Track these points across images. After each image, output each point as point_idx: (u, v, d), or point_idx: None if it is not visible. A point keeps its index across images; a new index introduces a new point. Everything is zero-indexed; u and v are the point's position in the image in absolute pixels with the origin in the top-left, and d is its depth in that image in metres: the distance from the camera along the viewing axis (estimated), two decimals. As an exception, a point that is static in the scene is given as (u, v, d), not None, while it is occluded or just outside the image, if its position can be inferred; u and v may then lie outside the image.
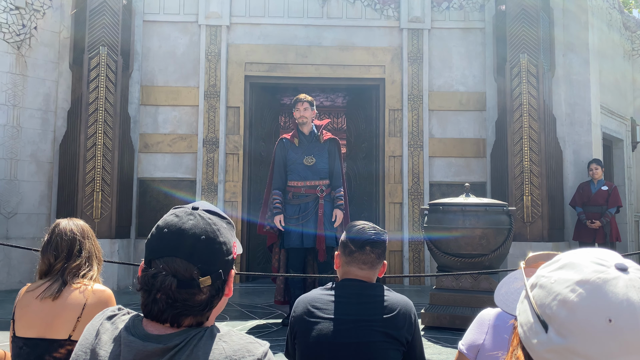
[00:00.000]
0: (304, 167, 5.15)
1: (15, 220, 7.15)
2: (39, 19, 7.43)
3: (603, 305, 0.70)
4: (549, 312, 0.73)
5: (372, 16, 8.09)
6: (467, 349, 1.90)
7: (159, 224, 1.14)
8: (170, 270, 1.08)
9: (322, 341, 1.95)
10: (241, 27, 8.02)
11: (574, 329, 0.70)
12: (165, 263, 1.09)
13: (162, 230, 1.12)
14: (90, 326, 1.16)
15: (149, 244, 1.13)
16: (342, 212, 5.11)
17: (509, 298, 1.08)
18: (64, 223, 2.30)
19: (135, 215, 7.61)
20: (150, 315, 1.10)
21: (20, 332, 2.10)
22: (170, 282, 1.07)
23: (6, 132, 7.14)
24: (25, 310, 2.12)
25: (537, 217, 7.23)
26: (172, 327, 1.09)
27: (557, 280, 0.75)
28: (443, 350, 4.21)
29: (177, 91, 7.85)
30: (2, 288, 6.88)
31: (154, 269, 1.09)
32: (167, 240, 1.10)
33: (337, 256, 2.15)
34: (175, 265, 1.08)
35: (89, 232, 2.32)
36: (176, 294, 1.07)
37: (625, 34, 9.62)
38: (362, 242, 2.08)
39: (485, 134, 7.96)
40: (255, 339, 1.12)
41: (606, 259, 0.75)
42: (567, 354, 0.70)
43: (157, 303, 1.08)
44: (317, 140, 5.22)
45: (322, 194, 5.12)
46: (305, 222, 5.05)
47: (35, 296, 2.13)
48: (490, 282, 4.93)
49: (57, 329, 2.07)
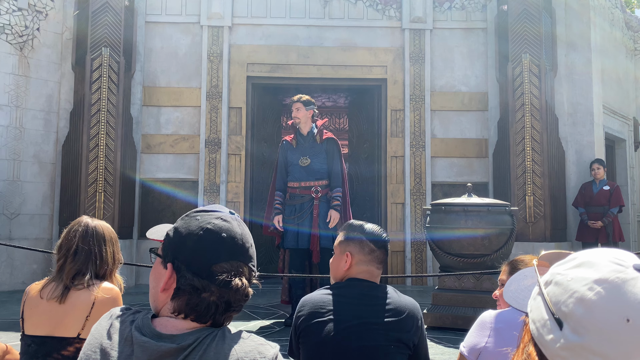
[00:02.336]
0: (299, 168, 5.19)
1: (18, 221, 7.17)
2: (41, 20, 7.45)
3: (621, 304, 0.69)
4: (564, 310, 0.73)
5: (374, 16, 8.09)
6: (469, 352, 1.90)
7: (210, 227, 1.15)
8: (237, 274, 1.13)
9: (328, 343, 1.94)
10: (243, 28, 8.03)
11: (590, 327, 0.70)
12: (232, 267, 1.13)
13: (219, 235, 1.14)
14: (99, 326, 1.16)
15: (200, 246, 1.13)
16: (337, 213, 5.07)
17: (519, 295, 1.08)
18: (74, 222, 2.30)
19: (138, 216, 7.62)
20: (199, 317, 1.11)
21: (29, 330, 2.12)
22: (244, 285, 1.13)
23: (9, 133, 7.15)
24: (35, 309, 2.14)
25: (539, 217, 7.22)
26: (197, 324, 1.11)
27: (574, 278, 0.74)
28: (445, 350, 4.20)
29: (179, 92, 7.86)
30: (5, 289, 6.90)
31: (223, 274, 1.11)
32: (228, 245, 1.14)
33: (349, 256, 2.10)
34: (241, 269, 1.14)
35: (98, 236, 2.28)
36: (237, 295, 1.12)
37: (628, 33, 9.60)
38: (382, 242, 2.13)
39: (487, 134, 7.95)
40: (266, 340, 1.13)
41: (624, 259, 0.74)
42: (582, 352, 0.70)
43: (213, 305, 1.11)
44: (314, 140, 5.23)
45: (317, 195, 5.11)
46: (301, 223, 5.07)
47: (43, 295, 2.13)
48: (493, 282, 4.92)
49: (66, 327, 2.08)
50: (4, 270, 6.95)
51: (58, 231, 7.39)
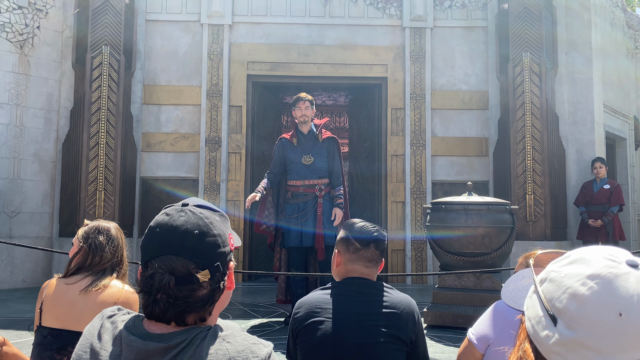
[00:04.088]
0: (302, 167, 5.15)
1: (19, 219, 7.17)
2: (41, 18, 7.45)
3: (614, 299, 0.70)
4: (558, 306, 0.74)
5: (374, 15, 8.09)
6: (478, 340, 1.84)
7: (151, 224, 1.13)
8: (167, 269, 1.07)
9: (326, 342, 1.94)
10: (243, 26, 8.03)
11: (584, 322, 0.71)
12: (161, 262, 1.07)
13: (154, 230, 1.11)
14: (91, 326, 1.16)
15: (143, 245, 1.12)
16: (341, 211, 5.06)
17: (517, 294, 1.08)
18: (95, 222, 2.36)
19: (138, 214, 7.63)
20: (152, 316, 1.09)
21: (47, 322, 2.15)
22: (168, 280, 1.06)
23: (9, 131, 7.15)
24: (57, 301, 2.16)
25: (539, 215, 7.22)
26: (177, 325, 1.08)
27: (568, 275, 0.75)
28: (446, 349, 4.20)
29: (180, 90, 7.86)
30: (5, 287, 6.90)
31: (151, 270, 1.08)
32: (160, 239, 1.09)
33: (338, 254, 2.12)
34: (172, 263, 1.07)
35: (119, 235, 2.36)
36: (176, 291, 1.06)
37: (628, 33, 9.59)
38: (367, 240, 2.08)
39: (487, 132, 7.95)
40: (259, 339, 1.11)
41: (617, 256, 0.75)
42: (576, 347, 0.71)
43: (158, 303, 1.07)
44: (315, 139, 5.20)
45: (321, 193, 5.10)
46: (305, 221, 5.04)
47: (73, 288, 2.16)
48: (493, 280, 4.93)
49: (85, 322, 2.09)
50: (4, 268, 6.96)
51: (58, 229, 7.40)
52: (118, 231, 2.36)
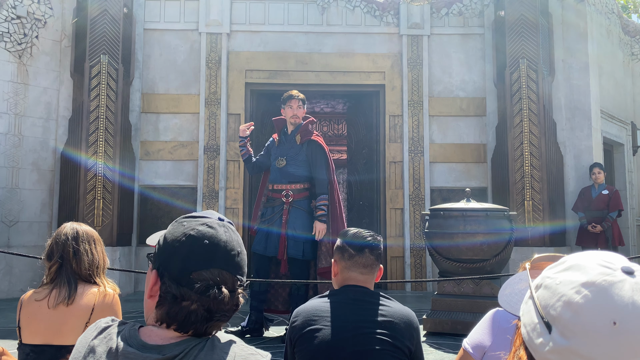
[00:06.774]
0: (275, 169, 4.86)
1: (17, 228, 7.16)
2: (40, 28, 7.47)
3: (608, 307, 0.69)
4: (553, 313, 0.73)
5: (371, 23, 8.12)
6: (473, 349, 1.85)
7: (192, 234, 1.11)
8: (220, 281, 1.08)
9: (323, 349, 1.94)
10: (241, 35, 8.05)
11: (578, 331, 0.70)
12: (212, 275, 1.08)
13: (200, 241, 1.10)
14: (83, 338, 1.14)
15: (181, 253, 1.10)
16: (322, 224, 4.62)
17: (513, 299, 1.07)
18: (61, 227, 2.33)
19: (137, 223, 7.62)
20: (174, 321, 1.08)
21: (27, 339, 2.10)
22: (223, 295, 1.07)
23: (8, 140, 7.15)
24: (32, 318, 2.12)
25: (538, 222, 7.22)
26: (180, 333, 1.08)
27: (563, 282, 0.74)
28: (445, 356, 4.19)
29: (178, 99, 7.88)
30: (3, 296, 6.88)
31: (202, 282, 1.07)
32: (210, 252, 1.10)
33: (334, 263, 2.13)
34: (223, 277, 1.09)
35: (88, 236, 2.29)
36: (220, 305, 1.08)
37: (625, 39, 9.63)
38: (362, 246, 2.08)
39: (485, 139, 7.96)
40: (257, 350, 1.11)
41: (612, 262, 0.74)
42: (570, 355, 0.70)
43: (194, 314, 1.07)
44: (294, 141, 4.85)
45: (288, 200, 4.72)
46: (269, 228, 4.70)
47: (43, 303, 2.11)
48: (492, 287, 4.92)
49: (66, 334, 2.07)
50: (2, 277, 6.94)
51: (57, 238, 7.38)
52: (86, 231, 2.30)
